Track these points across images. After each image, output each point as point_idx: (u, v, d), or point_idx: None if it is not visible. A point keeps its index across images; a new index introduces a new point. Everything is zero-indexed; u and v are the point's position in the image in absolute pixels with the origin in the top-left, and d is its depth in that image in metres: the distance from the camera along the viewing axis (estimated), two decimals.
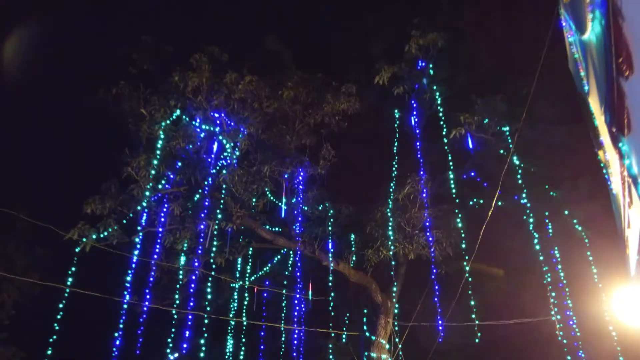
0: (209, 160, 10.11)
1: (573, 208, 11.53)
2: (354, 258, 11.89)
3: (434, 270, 9.93)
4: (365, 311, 12.32)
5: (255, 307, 13.67)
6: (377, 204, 11.25)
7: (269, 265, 13.79)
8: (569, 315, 10.58)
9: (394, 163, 11.99)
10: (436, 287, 9.81)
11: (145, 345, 9.93)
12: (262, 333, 14.81)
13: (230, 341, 14.12)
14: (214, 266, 10.95)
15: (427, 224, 10.10)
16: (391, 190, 11.30)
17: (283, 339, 14.77)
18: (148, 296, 9.78)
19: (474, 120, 10.25)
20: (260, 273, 13.80)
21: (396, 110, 12.80)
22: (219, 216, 9.99)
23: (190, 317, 12.99)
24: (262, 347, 14.80)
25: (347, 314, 13.18)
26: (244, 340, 13.79)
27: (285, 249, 13.11)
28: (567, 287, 10.97)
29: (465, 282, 9.67)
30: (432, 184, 10.90)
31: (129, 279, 10.04)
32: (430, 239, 10.00)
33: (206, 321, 10.50)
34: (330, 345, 12.75)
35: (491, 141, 10.90)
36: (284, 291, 13.29)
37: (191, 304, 11.40)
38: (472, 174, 11.99)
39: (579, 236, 11.46)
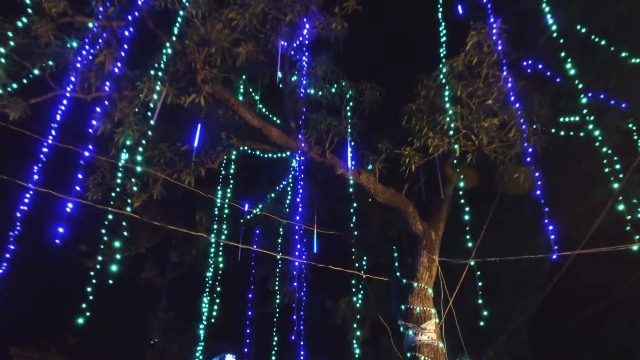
0: None
1: None
2: (371, 166, 8.02)
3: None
4: (395, 247, 8.45)
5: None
6: (422, 76, 7.47)
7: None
8: None
9: (441, 29, 8.21)
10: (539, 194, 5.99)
11: None
12: (251, 295, 11.40)
13: (206, 299, 10.38)
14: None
15: (510, 84, 6.22)
16: (442, 56, 7.51)
17: (278, 300, 11.07)
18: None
19: None
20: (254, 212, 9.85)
21: None
22: (165, 55, 6.10)
23: None
24: (249, 313, 11.26)
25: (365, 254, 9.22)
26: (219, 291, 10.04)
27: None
28: None
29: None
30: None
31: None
32: (518, 104, 6.13)
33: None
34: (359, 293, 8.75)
35: None
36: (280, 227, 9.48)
37: None
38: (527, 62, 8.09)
39: None
